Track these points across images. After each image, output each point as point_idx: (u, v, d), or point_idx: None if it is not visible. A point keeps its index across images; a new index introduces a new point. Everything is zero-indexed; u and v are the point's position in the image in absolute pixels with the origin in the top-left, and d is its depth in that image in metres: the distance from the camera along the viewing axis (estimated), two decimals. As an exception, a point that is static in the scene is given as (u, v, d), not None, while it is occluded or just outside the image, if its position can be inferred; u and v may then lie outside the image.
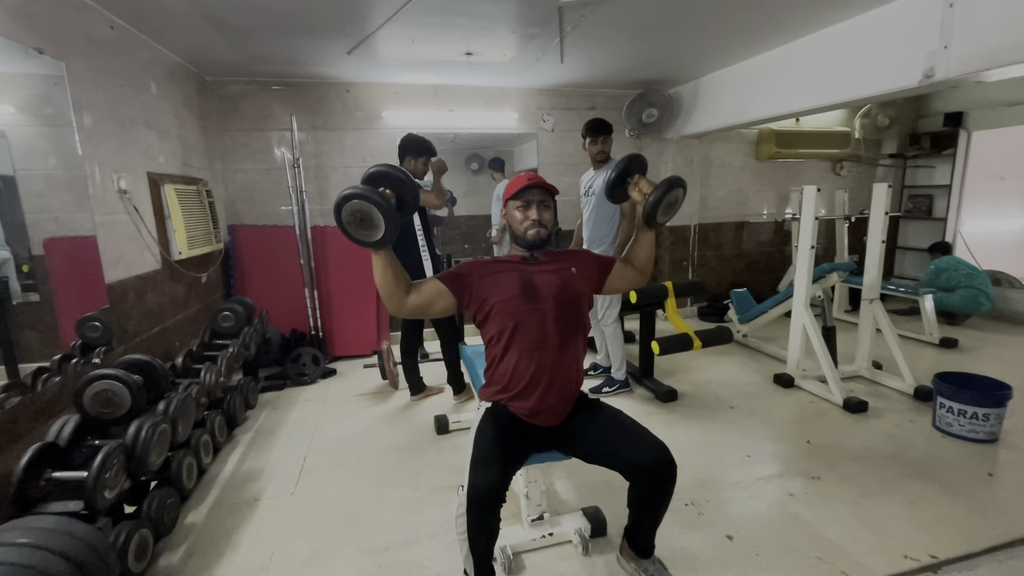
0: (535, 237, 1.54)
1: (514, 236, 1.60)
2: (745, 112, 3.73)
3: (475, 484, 1.30)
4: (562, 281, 1.54)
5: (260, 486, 2.26)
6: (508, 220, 1.59)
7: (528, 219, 1.53)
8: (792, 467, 2.29)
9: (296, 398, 3.26)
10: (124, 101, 2.48)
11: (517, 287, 1.50)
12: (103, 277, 2.20)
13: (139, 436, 1.58)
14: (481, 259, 1.59)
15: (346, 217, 1.32)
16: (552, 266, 1.58)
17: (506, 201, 1.59)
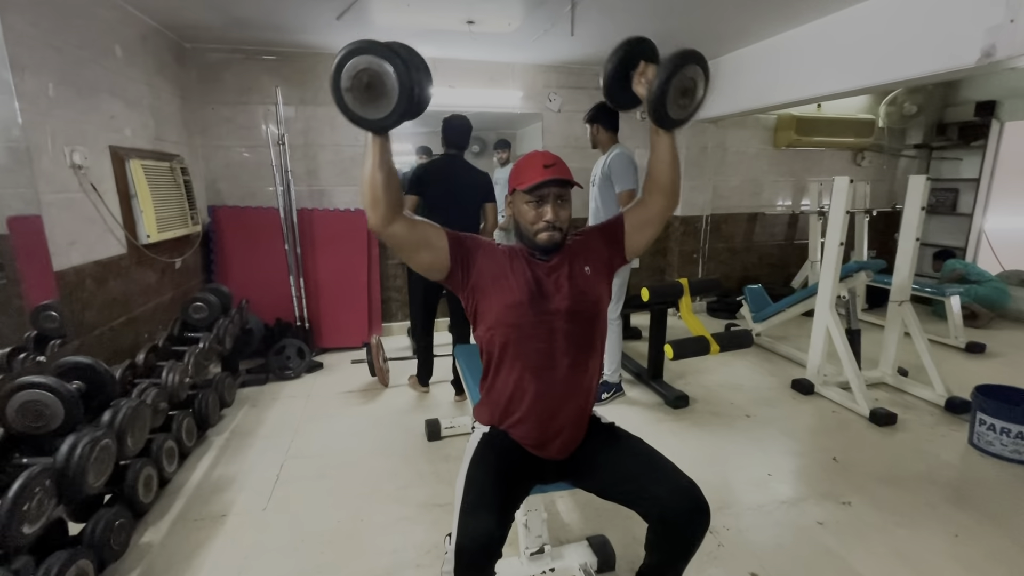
0: (548, 241, 1.24)
1: (520, 233, 1.30)
2: (768, 95, 3.44)
3: (466, 536, 1.06)
4: (576, 288, 1.26)
5: (230, 498, 2.04)
6: (514, 213, 1.30)
7: (541, 219, 1.23)
8: (818, 488, 2.07)
9: (278, 394, 3.03)
10: (83, 65, 2.20)
11: (524, 291, 1.23)
12: (51, 263, 1.95)
13: (72, 455, 1.35)
14: (491, 241, 1.33)
15: (347, 81, 1.02)
16: (565, 267, 1.29)
17: (513, 188, 1.28)
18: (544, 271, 1.28)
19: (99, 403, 1.59)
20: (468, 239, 1.29)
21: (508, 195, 1.33)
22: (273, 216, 3.48)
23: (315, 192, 3.76)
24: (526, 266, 1.27)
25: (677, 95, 1.18)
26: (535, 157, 1.26)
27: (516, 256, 1.29)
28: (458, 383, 2.88)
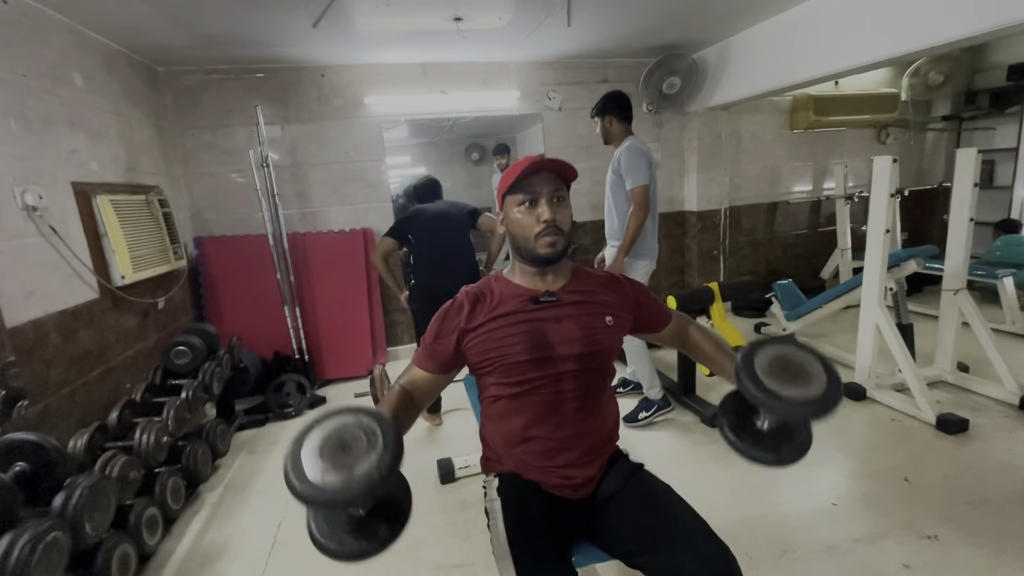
0: (550, 251, 1.05)
1: (517, 248, 1.10)
2: (784, 75, 3.16)
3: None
4: (588, 335, 1.07)
5: (222, 569, 1.80)
6: (507, 226, 1.10)
7: (539, 222, 1.04)
8: (895, 520, 1.78)
9: (278, 436, 2.80)
10: (31, 95, 1.99)
11: (524, 347, 1.04)
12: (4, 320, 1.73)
13: (7, 562, 1.11)
14: (459, 303, 1.11)
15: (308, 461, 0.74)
16: (576, 308, 1.09)
17: (503, 198, 1.09)
18: (551, 318, 1.07)
19: (48, 486, 1.35)
20: (449, 344, 1.08)
21: (499, 210, 1.13)
22: (264, 243, 3.26)
23: (307, 215, 3.54)
24: (525, 318, 1.07)
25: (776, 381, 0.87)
26: (521, 160, 1.07)
27: (508, 307, 1.08)
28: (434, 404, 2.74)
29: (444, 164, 4.42)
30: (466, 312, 1.08)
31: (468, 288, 1.14)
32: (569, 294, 1.11)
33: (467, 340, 1.07)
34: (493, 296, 1.11)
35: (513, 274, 1.15)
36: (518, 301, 1.09)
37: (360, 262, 3.54)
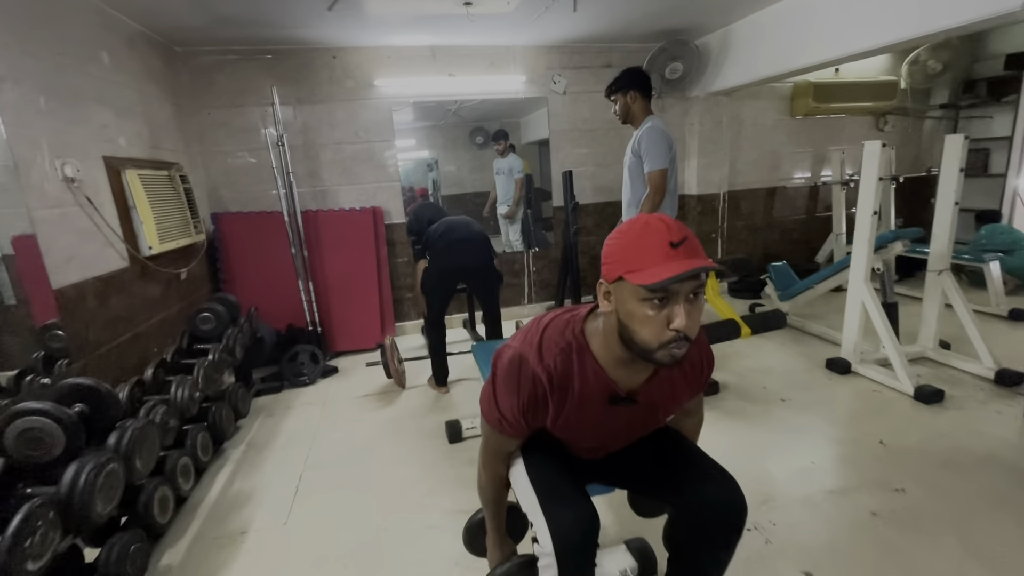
0: (671, 361, 0.87)
1: (627, 340, 0.89)
2: (789, 60, 3.25)
3: (563, 530, 0.97)
4: (646, 429, 1.15)
5: (249, 514, 1.96)
6: (618, 310, 0.89)
7: (668, 326, 0.84)
8: (868, 476, 1.94)
9: (293, 402, 2.96)
10: (65, 72, 2.11)
11: (590, 439, 1.13)
12: (49, 281, 1.87)
13: (76, 484, 1.27)
14: (548, 380, 0.98)
15: None
16: (648, 409, 1.07)
17: (620, 277, 0.86)
18: (623, 421, 1.08)
19: (103, 426, 1.51)
20: (534, 414, 1.02)
21: (605, 288, 0.91)
22: (278, 220, 3.40)
23: (318, 193, 3.66)
24: (602, 412, 1.02)
25: None
26: (651, 229, 0.84)
27: (593, 400, 1.00)
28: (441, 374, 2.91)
29: (449, 147, 4.45)
30: (552, 406, 1.01)
31: (548, 368, 0.98)
32: (648, 391, 1.03)
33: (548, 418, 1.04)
34: (574, 389, 0.99)
35: (605, 355, 0.97)
36: (599, 400, 1.00)
37: (370, 239, 3.67)
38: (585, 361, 0.98)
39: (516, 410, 1.00)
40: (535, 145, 4.36)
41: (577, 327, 1.00)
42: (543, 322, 1.04)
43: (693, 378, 1.09)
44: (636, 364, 0.95)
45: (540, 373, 0.97)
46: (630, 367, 0.97)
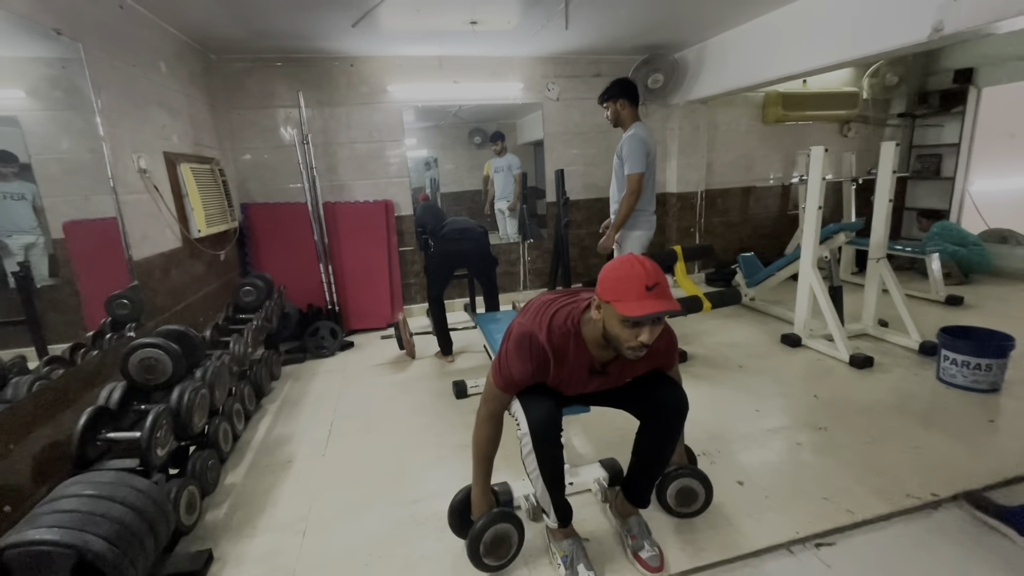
0: (634, 357, 1.32)
1: (609, 337, 1.32)
2: (752, 74, 3.70)
3: (535, 415, 1.39)
4: (613, 384, 1.54)
5: (292, 449, 2.38)
6: (604, 322, 1.30)
7: (636, 339, 1.25)
8: (800, 419, 2.38)
9: (317, 370, 3.37)
10: (137, 81, 2.52)
11: (574, 390, 1.50)
12: (131, 255, 2.27)
13: (183, 400, 1.68)
14: (552, 350, 1.37)
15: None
16: (617, 377, 1.50)
17: (608, 301, 1.26)
18: (598, 382, 1.49)
19: (191, 364, 1.92)
20: (539, 376, 1.40)
21: (596, 308, 1.31)
22: (300, 210, 3.80)
23: (335, 187, 4.07)
24: (585, 380, 1.46)
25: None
26: (634, 272, 1.23)
27: (579, 370, 1.43)
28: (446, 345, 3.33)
29: (448, 147, 4.75)
30: (552, 372, 1.40)
31: (554, 342, 1.36)
32: (616, 366, 1.46)
33: (546, 374, 1.42)
34: (568, 360, 1.40)
35: (591, 340, 1.38)
36: (583, 370, 1.43)
37: (382, 229, 4.08)
38: (578, 343, 1.40)
39: (527, 373, 1.39)
40: (530, 146, 4.78)
41: (575, 318, 1.40)
42: (552, 308, 1.42)
43: (651, 359, 1.48)
44: (609, 350, 1.39)
45: (547, 347, 1.37)
46: (606, 351, 1.41)
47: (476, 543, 1.50)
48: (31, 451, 1.56)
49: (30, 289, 1.95)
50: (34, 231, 1.98)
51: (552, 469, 1.46)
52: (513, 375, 1.41)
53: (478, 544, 1.50)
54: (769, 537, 1.65)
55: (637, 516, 1.65)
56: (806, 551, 1.62)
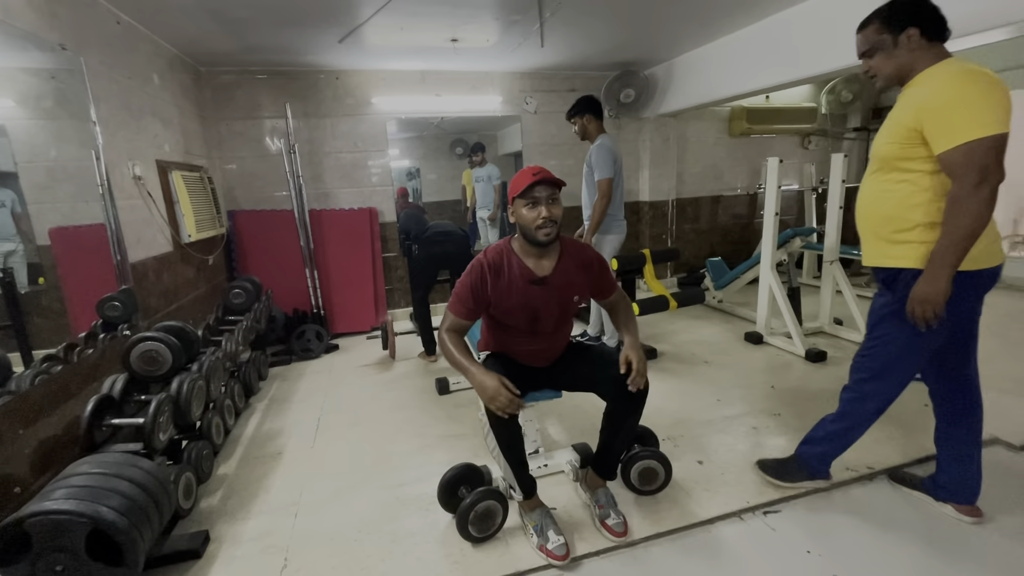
0: (547, 237, 1.54)
1: (525, 234, 1.59)
2: (716, 90, 3.97)
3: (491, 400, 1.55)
4: (563, 309, 1.69)
5: (281, 442, 2.49)
6: (516, 219, 1.58)
7: (539, 217, 1.51)
8: (756, 407, 2.59)
9: (303, 371, 3.48)
10: (133, 92, 2.64)
11: (522, 318, 1.65)
12: (120, 259, 2.38)
13: (182, 389, 1.80)
14: (487, 265, 1.60)
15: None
16: (558, 291, 1.64)
17: (513, 199, 1.58)
18: (541, 298, 1.63)
19: (188, 358, 2.03)
20: (479, 308, 1.63)
21: (510, 207, 1.61)
22: (286, 217, 3.92)
23: (320, 194, 4.20)
24: (525, 292, 1.61)
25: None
26: (525, 170, 1.56)
27: (515, 279, 1.61)
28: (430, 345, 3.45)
29: (430, 157, 4.88)
30: (490, 285, 1.60)
31: (488, 259, 1.62)
32: (556, 277, 1.63)
33: (489, 305, 1.64)
34: (504, 273, 1.61)
35: (521, 251, 1.63)
36: (522, 281, 1.61)
37: (366, 236, 4.22)
38: (512, 258, 1.64)
39: (468, 287, 1.60)
40: (511, 156, 4.98)
41: (507, 241, 1.68)
42: (489, 246, 1.69)
43: (585, 268, 1.69)
44: (543, 259, 1.63)
45: (484, 262, 1.63)
46: (539, 260, 1.63)
47: (466, 513, 1.64)
48: (39, 436, 1.66)
49: (14, 294, 2.02)
50: (13, 238, 2.02)
51: (510, 446, 1.61)
52: (459, 291, 1.63)
53: (468, 513, 1.64)
54: (722, 507, 1.84)
55: (604, 488, 1.82)
56: (755, 518, 1.80)
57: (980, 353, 1.70)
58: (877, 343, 1.65)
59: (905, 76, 1.51)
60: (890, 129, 1.49)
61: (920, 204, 1.46)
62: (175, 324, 2.04)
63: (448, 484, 1.80)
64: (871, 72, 1.59)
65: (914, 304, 1.44)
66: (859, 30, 1.60)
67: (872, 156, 1.58)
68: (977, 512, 1.73)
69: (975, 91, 1.33)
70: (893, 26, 1.50)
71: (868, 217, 1.60)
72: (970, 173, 1.32)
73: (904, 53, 1.49)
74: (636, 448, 1.94)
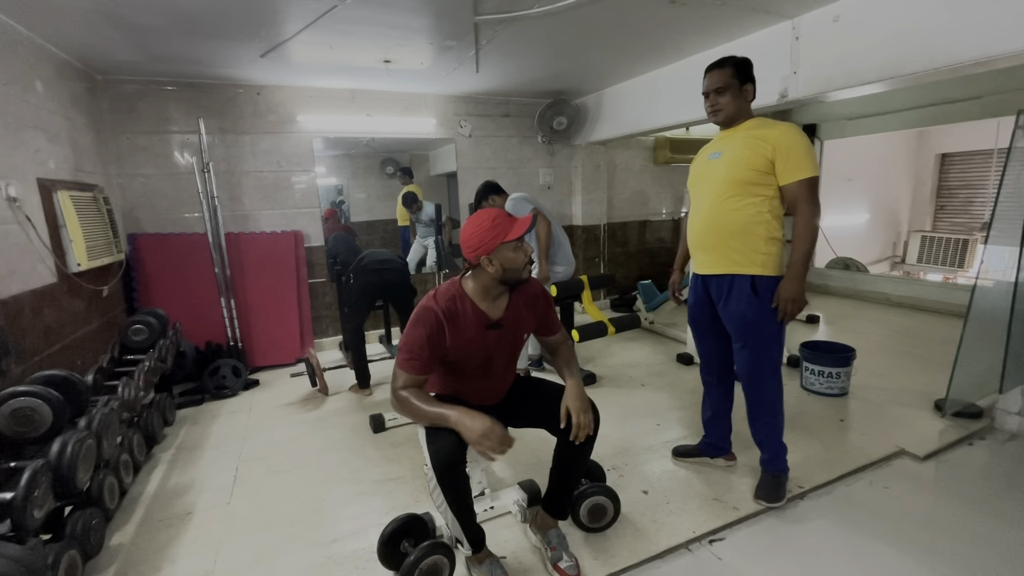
0: (528, 274, 1.59)
1: (505, 278, 1.52)
2: (642, 122, 4.15)
3: (437, 451, 1.43)
4: (513, 348, 1.67)
5: (191, 499, 2.20)
6: (501, 262, 1.49)
7: (526, 256, 1.52)
8: (693, 429, 2.65)
9: (218, 412, 3.14)
10: (9, 101, 2.28)
11: (477, 364, 1.60)
12: (-5, 292, 2.02)
13: (64, 453, 1.52)
14: (443, 313, 1.49)
15: None
16: (510, 331, 1.62)
17: (498, 244, 1.47)
18: (495, 341, 1.59)
19: (74, 412, 1.73)
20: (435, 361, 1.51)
21: (486, 254, 1.48)
22: (198, 241, 3.57)
23: (239, 216, 3.88)
24: (481, 337, 1.55)
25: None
26: (500, 216, 1.50)
27: (474, 326, 1.53)
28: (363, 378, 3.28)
29: (359, 175, 4.71)
30: (447, 335, 1.49)
31: (441, 306, 1.49)
32: (508, 317, 1.59)
33: (445, 355, 1.53)
34: (459, 319, 1.51)
35: (476, 295, 1.54)
36: (477, 327, 1.53)
37: (290, 261, 3.94)
38: (465, 303, 1.54)
39: (423, 340, 1.47)
40: (443, 177, 4.91)
41: (457, 285, 1.57)
42: (435, 289, 1.58)
43: (532, 304, 1.67)
44: (498, 300, 1.58)
45: (437, 311, 1.49)
46: (494, 303, 1.58)
47: (411, 571, 1.50)
48: None
49: None
50: None
51: (459, 499, 1.50)
52: (411, 345, 1.48)
53: (413, 571, 1.50)
54: (670, 539, 1.83)
55: (556, 529, 1.75)
56: (702, 548, 1.81)
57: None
58: (774, 340, 1.96)
59: (734, 120, 1.92)
60: (748, 160, 1.82)
61: (763, 222, 1.84)
62: (57, 373, 1.74)
63: (389, 539, 1.65)
64: (717, 107, 1.92)
65: (786, 303, 1.83)
66: (716, 67, 1.93)
67: (723, 181, 1.88)
68: (732, 457, 2.30)
69: (807, 141, 1.80)
70: (740, 77, 1.89)
71: (720, 232, 1.91)
72: (812, 201, 1.78)
73: (743, 101, 1.90)
74: (584, 484, 1.89)
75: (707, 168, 1.98)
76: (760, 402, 2.05)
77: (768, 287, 1.87)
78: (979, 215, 6.85)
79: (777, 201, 1.84)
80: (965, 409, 2.63)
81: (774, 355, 2.00)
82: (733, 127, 1.93)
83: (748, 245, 1.86)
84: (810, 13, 2.75)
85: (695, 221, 2.06)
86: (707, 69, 1.94)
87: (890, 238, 7.63)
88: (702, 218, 1.98)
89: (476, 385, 1.66)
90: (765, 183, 1.82)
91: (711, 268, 2.00)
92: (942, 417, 2.65)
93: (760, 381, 2.03)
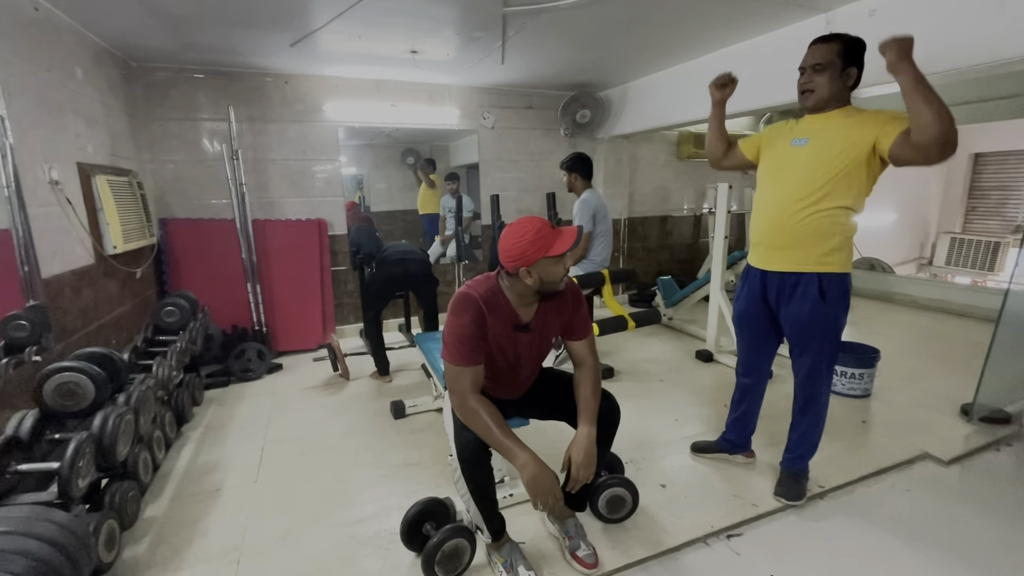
0: (564, 285, 1.57)
1: (540, 288, 1.50)
2: (667, 116, 4.11)
3: (462, 443, 1.46)
4: (540, 352, 1.68)
5: (220, 477, 2.27)
6: (540, 275, 1.47)
7: (565, 270, 1.52)
8: (712, 426, 2.65)
9: (243, 394, 3.22)
10: (53, 87, 2.36)
11: (505, 363, 1.60)
12: (39, 270, 2.10)
13: (106, 427, 1.58)
14: (483, 300, 1.49)
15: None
16: (539, 334, 1.62)
17: (540, 258, 1.45)
18: (524, 343, 1.60)
19: (114, 388, 1.81)
20: (484, 328, 1.49)
21: (526, 266, 1.45)
22: (226, 227, 3.65)
23: (265, 204, 3.95)
24: (511, 337, 1.56)
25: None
26: (537, 226, 1.46)
27: (504, 324, 1.54)
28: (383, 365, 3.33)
29: (380, 166, 4.71)
30: (489, 324, 1.49)
31: (481, 294, 1.50)
32: (537, 321, 1.60)
33: (489, 330, 1.52)
34: (497, 312, 1.51)
35: (511, 295, 1.54)
36: (509, 325, 1.55)
37: (314, 248, 4.01)
38: (501, 298, 1.54)
39: (471, 324, 1.46)
40: (463, 168, 4.91)
41: (494, 280, 1.57)
42: (468, 282, 1.57)
43: (560, 307, 1.64)
44: (530, 305, 1.57)
45: (478, 298, 1.50)
46: (527, 307, 1.58)
47: (433, 553, 1.54)
48: (-79, 489, 1.41)
49: None
50: None
51: (482, 491, 1.54)
52: (460, 333, 1.46)
53: (435, 553, 1.54)
54: (688, 532, 1.84)
55: (574, 519, 1.78)
56: (719, 542, 1.82)
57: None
58: (836, 342, 1.89)
59: (826, 105, 1.71)
60: (844, 148, 1.64)
61: (846, 223, 1.73)
62: (99, 351, 1.81)
63: (412, 521, 1.69)
64: (810, 86, 1.72)
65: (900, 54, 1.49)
66: (821, 41, 1.71)
67: (810, 175, 1.70)
68: (751, 454, 2.28)
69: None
70: (846, 57, 1.67)
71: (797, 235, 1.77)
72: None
73: (840, 86, 1.68)
74: (603, 475, 1.91)
75: (788, 154, 1.78)
76: (814, 400, 1.98)
77: (835, 286, 1.76)
78: (1013, 217, 6.65)
79: (864, 198, 1.70)
80: (993, 414, 2.58)
81: (835, 356, 1.92)
82: (823, 112, 1.71)
83: (825, 246, 1.73)
84: (845, 7, 2.69)
85: (765, 213, 1.85)
86: (812, 42, 1.73)
87: (917, 239, 7.46)
88: (775, 214, 1.79)
89: (502, 379, 1.68)
90: (857, 177, 1.65)
91: (775, 264, 1.85)
92: (968, 422, 2.60)
93: (819, 381, 1.94)
